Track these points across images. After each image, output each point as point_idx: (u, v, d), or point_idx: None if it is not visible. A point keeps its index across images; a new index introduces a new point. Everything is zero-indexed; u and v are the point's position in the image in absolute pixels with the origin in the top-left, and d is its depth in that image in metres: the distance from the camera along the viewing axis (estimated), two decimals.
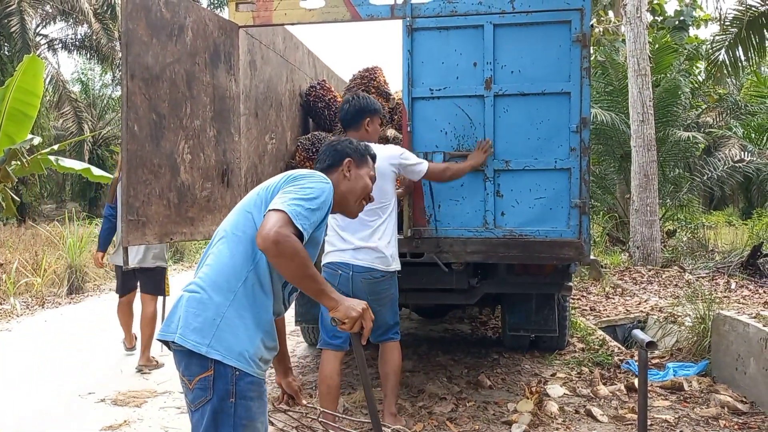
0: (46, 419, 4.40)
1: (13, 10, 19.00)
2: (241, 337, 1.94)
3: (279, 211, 1.89)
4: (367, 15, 4.27)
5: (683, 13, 18.93)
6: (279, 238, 1.83)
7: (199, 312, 1.95)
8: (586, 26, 3.98)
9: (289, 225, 1.87)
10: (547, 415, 4.15)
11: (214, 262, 2.01)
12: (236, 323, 1.94)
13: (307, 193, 1.97)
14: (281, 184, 2.05)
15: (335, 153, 2.35)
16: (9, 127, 9.01)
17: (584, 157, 4.02)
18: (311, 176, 2.07)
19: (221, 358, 1.90)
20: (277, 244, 1.83)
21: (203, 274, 2.02)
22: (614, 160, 13.04)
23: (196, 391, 1.93)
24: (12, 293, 8.77)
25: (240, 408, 1.93)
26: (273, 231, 1.83)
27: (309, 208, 1.94)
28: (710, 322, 5.09)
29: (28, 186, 20.30)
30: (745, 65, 10.38)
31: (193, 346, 1.91)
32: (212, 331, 1.92)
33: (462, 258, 4.21)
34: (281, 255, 1.85)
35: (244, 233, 2.01)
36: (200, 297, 1.97)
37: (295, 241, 1.86)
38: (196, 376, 1.93)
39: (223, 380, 1.91)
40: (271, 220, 1.86)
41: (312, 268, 1.92)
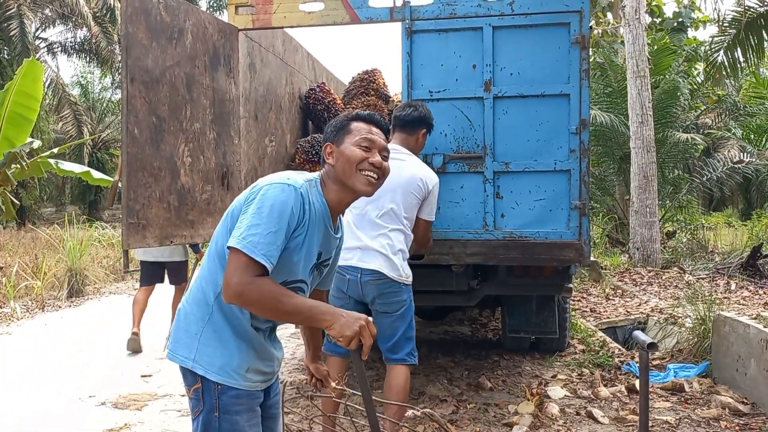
0: (46, 422, 4.40)
1: (13, 13, 19.01)
2: (220, 351, 1.94)
3: (236, 251, 1.80)
4: (367, 17, 4.27)
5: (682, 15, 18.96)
6: (239, 288, 1.77)
7: (185, 326, 1.99)
8: (585, 28, 3.99)
9: (249, 267, 1.78)
10: (547, 417, 4.15)
11: (199, 275, 2.03)
12: (215, 337, 1.95)
13: (263, 215, 1.83)
14: (245, 198, 1.94)
15: (331, 131, 2.12)
16: (9, 131, 9.01)
17: (584, 158, 4.03)
18: (269, 189, 1.89)
19: (204, 372, 1.92)
20: (240, 296, 1.78)
21: (191, 286, 2.05)
22: (614, 162, 13.05)
23: (192, 401, 1.97)
24: (12, 296, 8.76)
25: (224, 422, 1.92)
26: (234, 282, 1.77)
27: (269, 232, 1.81)
28: (711, 323, 5.09)
29: (27, 189, 20.31)
30: (744, 66, 10.40)
31: (181, 361, 1.96)
32: (195, 345, 1.94)
33: (462, 260, 4.21)
34: (249, 304, 1.81)
35: (217, 247, 1.98)
36: (186, 310, 2.01)
37: (258, 285, 1.78)
38: (191, 386, 1.97)
39: (209, 393, 1.93)
40: (230, 268, 1.80)
41: (288, 302, 1.82)
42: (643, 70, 10.36)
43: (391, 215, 3.46)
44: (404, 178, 3.43)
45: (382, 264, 3.43)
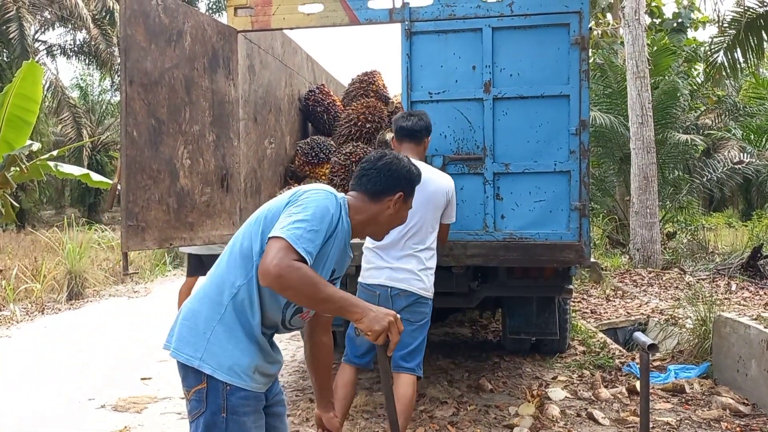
0: (46, 425, 4.39)
1: (12, 16, 19.01)
2: (231, 350, 1.92)
3: (278, 238, 1.80)
4: (366, 19, 4.27)
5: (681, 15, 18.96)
6: (280, 271, 1.75)
7: (192, 324, 1.96)
8: (585, 29, 3.99)
9: (289, 252, 1.78)
10: (548, 419, 4.14)
11: (213, 274, 2.02)
12: (226, 337, 1.93)
13: (308, 214, 1.87)
14: (285, 203, 1.97)
15: (390, 179, 2.14)
16: (8, 134, 9.00)
17: (584, 159, 4.02)
18: (313, 193, 1.95)
19: (212, 372, 1.90)
20: (279, 278, 1.75)
21: (202, 286, 2.03)
22: (614, 163, 13.04)
23: (192, 402, 1.94)
24: (12, 299, 8.75)
25: (231, 423, 1.91)
26: (273, 264, 1.75)
27: (312, 229, 1.84)
28: (711, 324, 5.08)
29: (27, 192, 20.30)
30: (744, 67, 10.39)
31: (186, 360, 1.93)
32: (203, 344, 1.92)
33: (462, 261, 4.21)
34: (287, 288, 1.77)
35: (241, 248, 1.98)
36: (194, 308, 1.99)
37: (297, 269, 1.76)
38: (192, 387, 1.94)
39: (215, 394, 1.90)
40: (271, 252, 1.78)
41: (324, 290, 1.81)
42: (643, 71, 10.36)
43: (420, 236, 3.48)
44: (429, 193, 3.44)
45: (412, 282, 3.45)
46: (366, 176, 2.15)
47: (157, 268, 12.37)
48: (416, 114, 3.73)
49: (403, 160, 2.20)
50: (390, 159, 2.17)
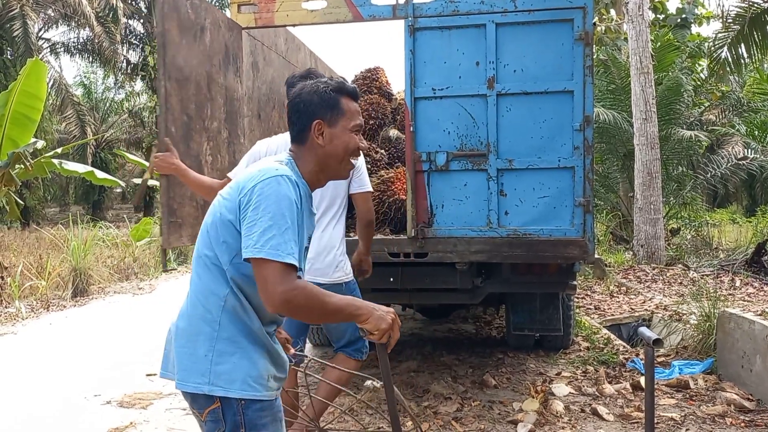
0: (52, 421, 4.41)
1: (16, 14, 19.04)
2: (240, 363, 1.84)
3: (262, 261, 1.72)
4: (369, 15, 4.27)
5: (685, 11, 18.91)
6: (287, 296, 1.70)
7: (191, 350, 1.86)
8: (589, 24, 3.98)
9: (283, 273, 1.71)
10: (552, 414, 4.15)
11: (191, 291, 1.92)
12: (230, 351, 1.84)
13: (269, 216, 1.75)
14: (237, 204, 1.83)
15: (300, 115, 1.96)
16: (13, 131, 9.02)
17: (588, 155, 4.02)
18: (266, 185, 1.80)
19: (224, 393, 1.82)
20: (288, 303, 1.71)
21: (185, 305, 1.93)
22: (617, 159, 13.02)
23: (209, 423, 1.86)
24: (17, 296, 8.78)
25: None
26: (277, 294, 1.70)
27: (284, 230, 1.75)
28: (715, 319, 5.08)
29: (31, 189, 20.35)
30: (748, 62, 10.35)
31: (195, 388, 1.84)
32: (208, 367, 1.83)
33: (466, 258, 4.21)
34: (297, 311, 1.76)
35: (207, 257, 1.88)
36: (187, 332, 1.89)
37: (302, 290, 1.73)
38: (205, 408, 1.86)
39: (231, 411, 1.83)
40: (268, 280, 1.71)
41: (331, 302, 1.79)
42: (647, 67, 10.33)
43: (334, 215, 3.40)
44: None
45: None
46: (290, 122, 2.00)
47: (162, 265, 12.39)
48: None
49: (311, 84, 1.99)
50: (298, 90, 1.99)
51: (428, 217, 4.22)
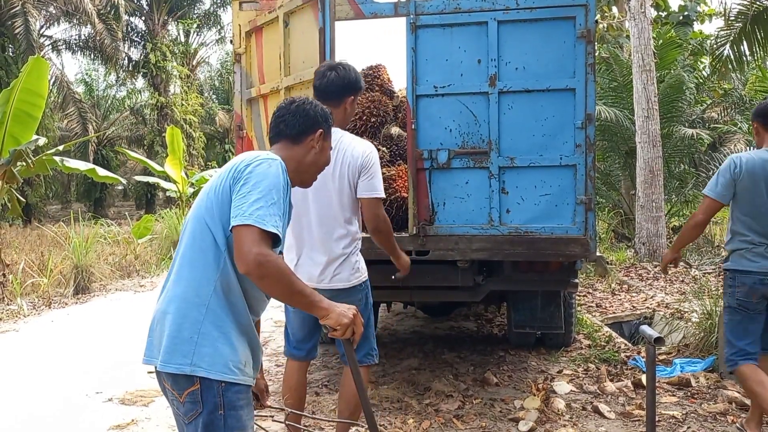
0: (54, 418, 4.42)
1: (17, 11, 19.05)
2: (222, 348, 1.91)
3: (246, 226, 1.81)
4: (371, 13, 4.26)
5: (687, 8, 18.84)
6: (260, 259, 1.78)
7: (176, 333, 1.92)
8: (591, 22, 3.97)
9: (262, 238, 1.81)
10: (554, 412, 4.15)
11: (180, 277, 1.98)
12: (215, 335, 1.91)
13: (263, 189, 1.88)
14: (229, 182, 1.95)
15: (307, 119, 2.20)
16: (14, 128, 9.02)
17: (589, 153, 4.01)
18: (258, 165, 1.94)
19: (206, 374, 1.89)
20: (259, 266, 1.79)
21: (171, 291, 1.98)
22: (619, 157, 13.00)
23: (187, 404, 1.92)
24: (19, 294, 8.80)
25: (230, 419, 1.92)
26: (252, 254, 1.78)
27: (272, 203, 1.87)
28: (717, 317, 5.07)
29: (33, 187, 20.37)
30: (750, 60, 10.33)
31: (177, 369, 1.90)
32: (192, 348, 1.89)
33: (467, 255, 4.20)
34: (266, 276, 1.81)
35: (203, 242, 1.96)
36: (173, 316, 1.94)
37: (276, 259, 1.82)
38: (185, 390, 1.92)
39: (210, 393, 1.90)
40: (246, 241, 1.80)
41: (298, 283, 1.89)
42: (649, 65, 10.32)
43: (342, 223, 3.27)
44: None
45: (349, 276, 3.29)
46: (283, 122, 2.19)
47: (163, 262, 12.41)
48: (332, 68, 3.23)
49: (314, 101, 2.26)
50: (302, 101, 2.23)
51: (430, 214, 4.22)
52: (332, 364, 5.42)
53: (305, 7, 4.09)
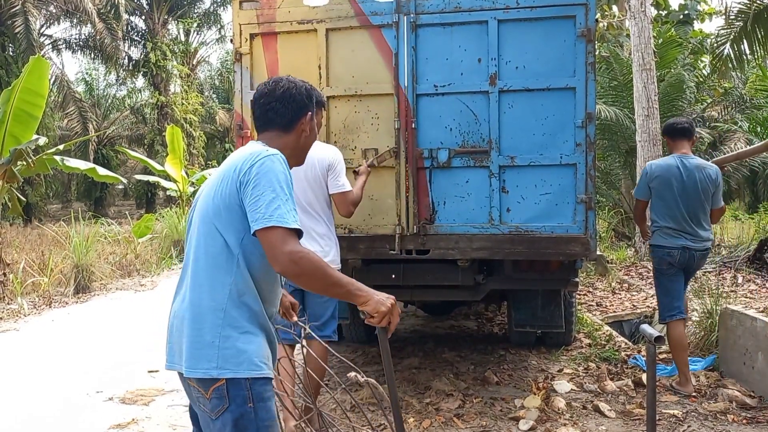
0: (54, 418, 4.42)
1: (18, 10, 19.06)
2: (244, 346, 1.93)
3: (271, 228, 1.84)
4: (371, 12, 4.26)
5: (688, 7, 18.84)
6: (293, 257, 1.82)
7: (197, 338, 1.94)
8: (591, 21, 3.97)
9: (290, 237, 1.85)
10: (554, 411, 4.15)
11: (194, 282, 1.99)
12: (235, 336, 1.93)
13: (274, 187, 1.90)
14: (236, 185, 1.95)
15: (296, 104, 2.17)
16: (15, 128, 9.02)
17: (590, 152, 4.01)
18: (262, 164, 1.95)
19: (233, 374, 1.91)
20: (294, 264, 1.83)
21: (188, 297, 2.00)
22: (619, 156, 12.99)
23: (213, 401, 1.93)
24: (19, 293, 8.80)
25: (260, 411, 1.94)
26: (284, 254, 1.82)
27: (286, 199, 1.90)
28: (717, 316, 5.07)
29: (33, 186, 20.38)
30: (750, 59, 10.33)
31: (204, 374, 1.92)
32: (215, 352, 1.92)
33: (468, 254, 4.21)
34: (302, 274, 1.85)
35: (214, 246, 1.97)
36: (192, 322, 1.96)
37: (308, 254, 1.85)
38: (210, 386, 1.93)
39: (237, 388, 1.92)
40: (274, 243, 1.84)
41: (334, 275, 1.92)
42: (649, 63, 10.31)
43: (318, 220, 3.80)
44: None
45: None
46: (272, 110, 2.16)
47: (164, 262, 12.41)
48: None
49: (296, 80, 2.21)
50: (285, 84, 2.18)
51: (430, 213, 4.22)
52: (332, 363, 5.42)
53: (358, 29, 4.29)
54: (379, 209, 4.31)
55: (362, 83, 4.26)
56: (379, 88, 4.25)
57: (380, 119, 4.27)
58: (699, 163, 4.54)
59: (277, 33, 4.39)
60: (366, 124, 4.29)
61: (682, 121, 4.73)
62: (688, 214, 4.48)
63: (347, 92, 4.27)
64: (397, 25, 4.18)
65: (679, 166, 4.49)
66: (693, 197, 4.47)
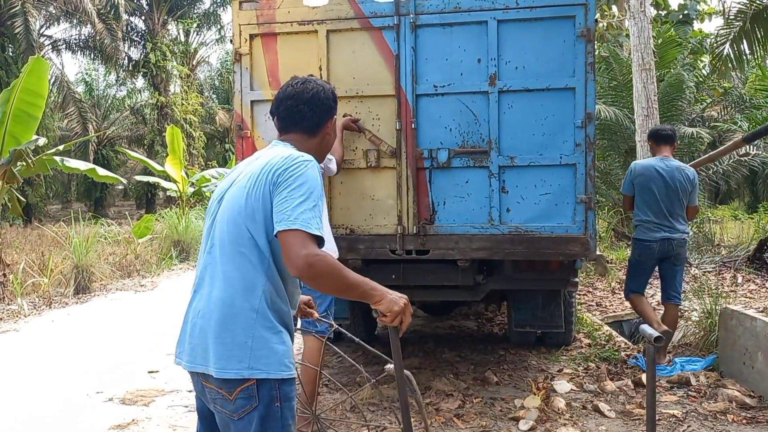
0: (54, 418, 4.43)
1: (17, 11, 19.05)
2: (275, 347, 1.95)
3: (291, 232, 1.85)
4: (371, 12, 4.26)
5: (687, 7, 18.85)
6: (311, 260, 1.82)
7: (228, 339, 1.93)
8: (591, 21, 3.97)
9: (310, 241, 1.85)
10: (554, 411, 4.15)
11: (224, 282, 1.97)
12: (267, 336, 1.94)
13: (304, 192, 1.92)
14: (269, 187, 1.95)
15: (324, 109, 2.18)
16: (14, 128, 9.02)
17: (589, 152, 4.02)
18: (297, 167, 1.96)
19: (266, 375, 1.92)
20: (311, 267, 1.83)
21: (216, 296, 1.98)
22: (619, 156, 12.99)
23: (239, 401, 1.92)
24: (19, 293, 8.80)
25: (286, 410, 1.96)
26: (301, 257, 1.82)
27: (314, 206, 1.91)
28: (717, 316, 5.08)
29: (33, 187, 20.38)
30: (750, 59, 10.33)
31: (236, 374, 1.91)
32: (247, 353, 1.92)
33: (467, 255, 4.21)
34: (318, 276, 1.85)
35: (246, 246, 1.96)
36: (222, 322, 1.95)
37: (325, 257, 1.85)
38: (237, 388, 1.92)
39: (266, 387, 1.93)
40: (294, 245, 1.84)
41: (349, 277, 1.92)
42: (649, 63, 10.30)
43: None
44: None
45: None
46: (299, 115, 2.15)
47: (164, 262, 12.42)
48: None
49: (323, 83, 2.21)
50: (314, 87, 2.17)
51: (430, 214, 4.22)
52: (332, 363, 5.42)
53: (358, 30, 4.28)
54: (380, 209, 4.31)
55: (363, 85, 4.27)
56: (379, 90, 4.25)
57: (381, 120, 4.28)
58: (678, 165, 5.13)
59: (277, 34, 4.40)
60: (366, 125, 4.30)
61: (667, 129, 5.40)
62: (667, 210, 5.00)
63: (348, 93, 4.27)
64: (398, 28, 4.19)
65: (659, 168, 5.04)
66: (672, 195, 5.01)
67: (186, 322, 2.06)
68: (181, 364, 2.06)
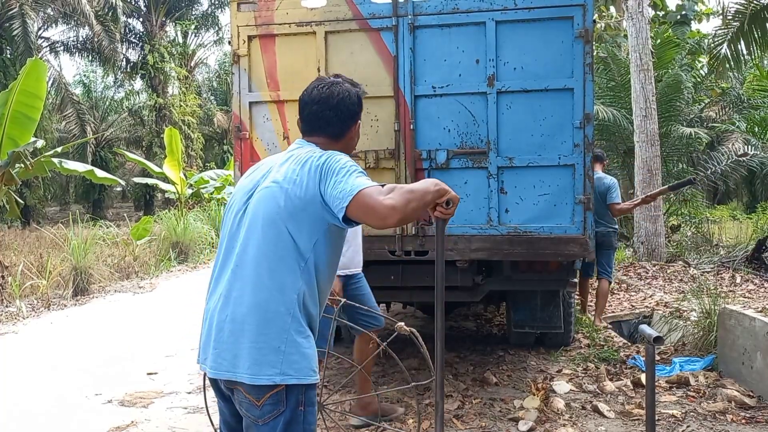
0: (53, 420, 4.42)
1: (15, 13, 19.04)
2: (306, 352, 1.93)
3: (354, 196, 1.83)
4: (369, 13, 4.27)
5: (685, 8, 18.88)
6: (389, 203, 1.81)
7: (262, 344, 1.89)
8: (589, 22, 3.98)
9: (374, 193, 1.82)
10: (553, 412, 4.15)
11: (256, 285, 1.92)
12: (299, 341, 1.91)
13: (348, 169, 1.91)
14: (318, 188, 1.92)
15: (350, 115, 2.16)
16: (13, 130, 9.01)
17: (588, 153, 4.03)
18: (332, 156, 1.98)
19: (297, 381, 1.90)
20: (394, 209, 1.81)
21: (248, 300, 1.92)
22: (617, 156, 13.01)
23: (267, 407, 1.90)
24: (18, 295, 8.79)
25: (309, 414, 1.95)
26: (384, 205, 1.80)
27: (359, 172, 1.92)
28: (716, 316, 5.08)
29: (32, 188, 20.35)
30: (748, 59, 10.34)
31: (268, 380, 1.88)
32: (280, 358, 1.89)
33: (466, 255, 4.21)
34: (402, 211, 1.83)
35: (283, 249, 1.92)
36: (258, 327, 1.90)
37: (393, 195, 1.83)
38: (266, 393, 1.89)
39: (294, 392, 1.91)
40: (371, 200, 1.81)
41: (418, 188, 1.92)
42: (647, 64, 10.32)
43: None
44: None
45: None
46: (324, 120, 2.12)
47: (162, 264, 12.41)
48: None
49: (348, 87, 2.18)
50: (340, 93, 2.14)
51: (429, 215, 4.21)
52: (331, 363, 5.42)
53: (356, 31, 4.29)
54: None
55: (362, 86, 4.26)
56: (378, 91, 4.25)
57: (380, 121, 4.28)
58: (600, 176, 6.34)
59: (276, 35, 4.40)
60: (365, 126, 4.29)
61: (596, 151, 6.13)
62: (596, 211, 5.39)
63: None
64: (396, 29, 4.19)
65: None
66: (598, 200, 5.92)
67: (210, 326, 1.99)
68: (204, 369, 2.01)
